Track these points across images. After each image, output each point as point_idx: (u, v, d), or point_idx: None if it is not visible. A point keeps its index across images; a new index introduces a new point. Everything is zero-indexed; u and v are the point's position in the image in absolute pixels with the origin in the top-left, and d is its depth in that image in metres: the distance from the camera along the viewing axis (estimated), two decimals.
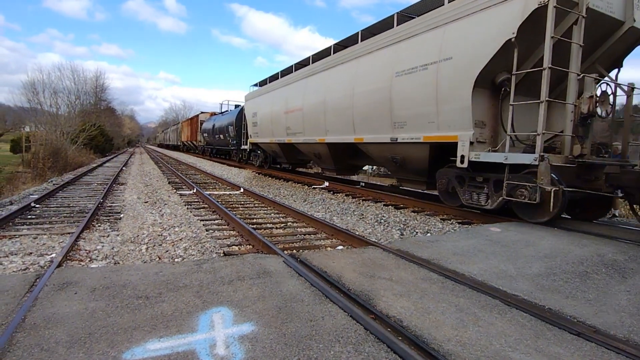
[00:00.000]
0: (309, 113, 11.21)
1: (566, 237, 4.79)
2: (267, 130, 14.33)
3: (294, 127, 12.10)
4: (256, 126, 15.49)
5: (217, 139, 24.41)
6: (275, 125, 13.47)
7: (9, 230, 5.59)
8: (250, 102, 16.63)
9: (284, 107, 12.78)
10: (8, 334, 2.22)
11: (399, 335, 2.41)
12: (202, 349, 2.17)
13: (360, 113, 8.83)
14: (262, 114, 14.82)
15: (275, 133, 13.54)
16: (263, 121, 14.65)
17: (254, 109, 15.84)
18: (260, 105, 15.17)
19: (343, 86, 9.44)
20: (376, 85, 8.19)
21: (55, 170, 16.46)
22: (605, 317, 2.70)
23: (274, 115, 13.55)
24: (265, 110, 14.41)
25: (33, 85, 29.18)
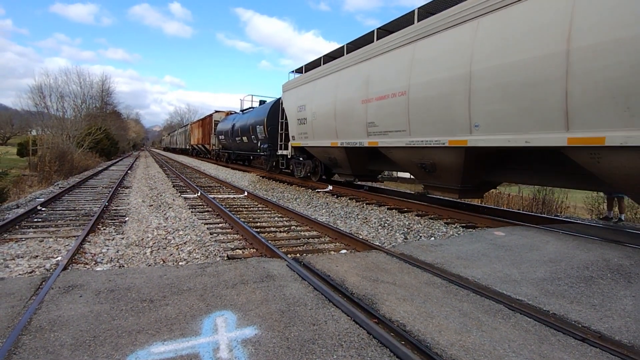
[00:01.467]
0: (424, 99, 6.98)
1: (571, 241, 4.76)
2: (325, 129, 10.48)
3: (384, 123, 8.14)
4: (304, 124, 11.60)
5: (238, 142, 20.09)
6: (344, 122, 9.55)
7: (16, 233, 5.64)
8: (292, 93, 12.69)
9: (361, 93, 8.74)
10: (14, 337, 2.25)
11: (402, 340, 2.40)
12: (206, 353, 2.18)
13: None
14: (316, 107, 10.90)
15: (344, 133, 9.66)
16: (319, 117, 10.79)
17: (300, 100, 11.94)
18: (312, 95, 11.19)
19: None
20: None
21: (61, 173, 16.59)
22: (610, 323, 2.68)
23: (342, 107, 9.59)
24: (324, 101, 10.46)
25: (40, 89, 29.55)
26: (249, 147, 18.84)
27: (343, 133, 9.70)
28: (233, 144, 21.40)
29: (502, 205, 12.29)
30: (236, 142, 20.49)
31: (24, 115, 43.37)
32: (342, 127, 9.68)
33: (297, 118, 12.08)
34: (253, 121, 17.34)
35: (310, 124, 11.27)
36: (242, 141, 19.44)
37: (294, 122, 12.46)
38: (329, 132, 10.36)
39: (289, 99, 13.00)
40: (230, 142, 22.06)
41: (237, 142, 20.32)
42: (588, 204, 10.97)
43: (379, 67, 8.42)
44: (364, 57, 8.94)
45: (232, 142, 21.35)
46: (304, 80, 12.06)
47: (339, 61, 10.02)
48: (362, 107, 8.76)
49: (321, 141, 10.86)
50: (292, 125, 12.66)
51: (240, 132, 19.36)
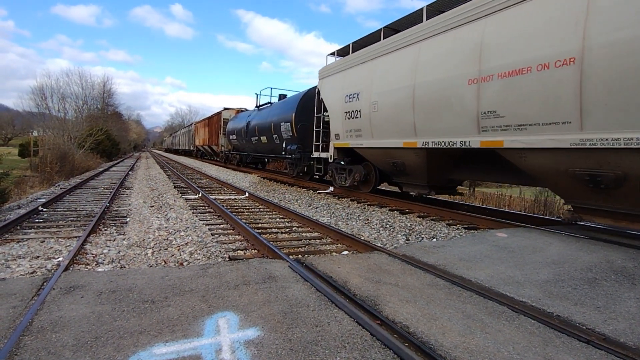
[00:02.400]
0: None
1: (574, 243, 4.74)
2: (393, 125, 7.93)
3: (519, 112, 5.48)
4: (356, 119, 9.03)
5: (254, 143, 17.38)
6: (431, 113, 6.90)
7: (17, 233, 5.64)
8: (336, 80, 10.06)
9: (467, 68, 6.14)
10: (15, 337, 2.24)
11: (406, 342, 2.39)
12: (208, 354, 2.16)
13: None
14: (378, 95, 8.26)
15: (429, 129, 7.03)
16: (383, 108, 8.13)
17: (349, 88, 9.34)
18: (370, 80, 8.56)
19: None
20: None
21: (62, 174, 16.60)
22: (614, 325, 2.66)
23: (428, 93, 6.92)
24: (391, 87, 7.88)
25: (41, 91, 29.60)
26: (268, 149, 16.14)
27: (427, 129, 7.08)
28: (247, 145, 18.68)
29: (504, 206, 12.27)
30: (251, 142, 17.74)
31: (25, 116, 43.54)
32: (427, 120, 7.04)
33: (345, 111, 9.45)
34: (276, 118, 14.50)
35: (367, 118, 8.62)
36: (259, 142, 16.72)
37: (338, 117, 9.83)
38: (399, 128, 7.74)
39: (331, 87, 10.38)
40: (243, 143, 19.35)
41: (252, 142, 17.59)
42: None
43: (502, 24, 5.68)
44: (471, 16, 6.19)
45: (247, 142, 18.59)
46: (354, 61, 9.40)
47: (415, 30, 7.41)
48: (469, 89, 6.07)
49: (385, 141, 8.24)
50: (335, 120, 10.03)
51: (257, 131, 16.58)
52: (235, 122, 21.39)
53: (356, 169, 9.80)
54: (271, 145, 15.39)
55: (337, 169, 10.63)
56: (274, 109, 15.48)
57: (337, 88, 9.98)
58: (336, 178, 10.68)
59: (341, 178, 10.44)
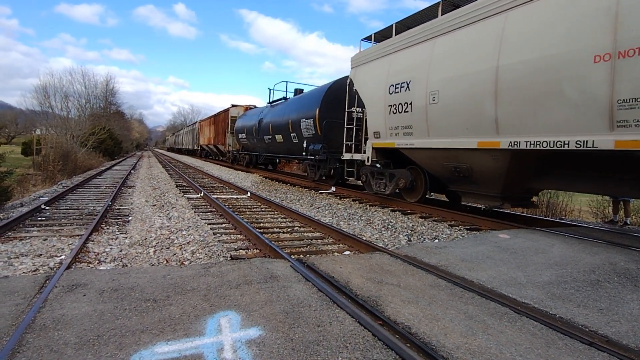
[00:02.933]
0: None
1: (577, 245, 4.73)
2: (462, 119, 6.46)
3: None
4: (405, 113, 7.62)
5: (267, 143, 16.04)
6: (527, 103, 5.46)
7: (20, 231, 5.66)
8: (376, 68, 8.66)
9: (595, 38, 4.64)
10: (18, 335, 2.25)
11: (407, 342, 2.38)
12: (210, 353, 2.16)
13: None
14: (439, 83, 6.81)
15: (520, 124, 5.60)
16: (446, 99, 6.67)
17: (394, 76, 7.93)
18: (426, 65, 7.14)
19: None
20: None
21: (65, 172, 16.66)
22: (617, 327, 2.65)
23: (520, 77, 5.50)
24: (460, 71, 6.43)
25: (45, 89, 29.77)
26: (284, 149, 14.69)
27: (517, 125, 5.58)
28: (259, 144, 17.17)
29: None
30: (264, 142, 16.33)
31: (28, 114, 43.72)
32: (517, 114, 5.54)
33: (389, 104, 8.00)
34: (294, 114, 13.04)
35: (422, 112, 7.16)
36: (273, 141, 15.31)
37: (378, 112, 8.39)
38: (472, 124, 6.25)
39: (369, 76, 8.91)
40: (254, 143, 17.81)
41: (265, 142, 16.21)
42: (593, 207, 10.91)
43: None
44: None
45: (258, 142, 17.06)
46: (402, 43, 7.92)
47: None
48: (595, 69, 4.61)
49: (447, 140, 6.77)
50: (374, 116, 8.59)
51: (271, 130, 15.16)
52: (244, 119, 19.89)
53: (400, 173, 8.26)
54: (288, 144, 13.96)
55: (374, 173, 9.02)
56: (292, 105, 14.06)
57: (378, 77, 8.41)
58: (372, 184, 9.06)
59: (379, 184, 8.80)
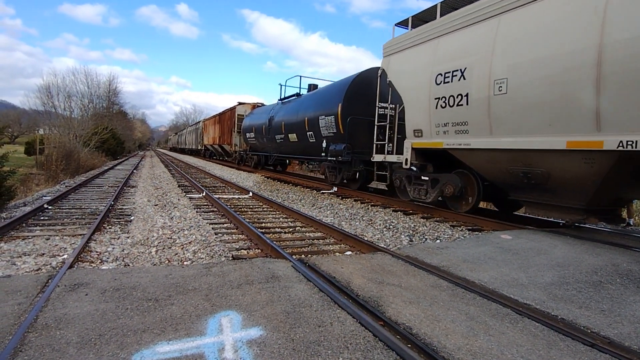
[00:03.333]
0: None
1: (579, 246, 4.71)
2: (535, 116, 5.39)
3: None
4: (459, 107, 6.47)
5: (279, 142, 14.97)
6: None
7: (23, 231, 5.68)
8: (416, 55, 7.54)
9: None
10: (20, 334, 2.25)
11: (409, 343, 2.38)
12: (211, 353, 2.17)
13: None
14: (509, 69, 5.65)
15: (630, 119, 4.43)
16: (521, 89, 5.52)
17: (444, 63, 6.76)
18: (492, 47, 5.93)
19: None
20: None
21: (67, 172, 16.72)
22: (619, 328, 2.64)
23: None
24: (544, 53, 5.20)
25: (48, 89, 29.89)
26: (299, 149, 13.61)
27: (632, 119, 4.43)
28: (270, 144, 16.05)
29: None
30: (275, 141, 15.22)
31: (31, 114, 43.91)
32: (634, 104, 4.38)
33: (436, 97, 6.82)
34: (311, 111, 11.94)
35: (483, 104, 5.95)
36: (285, 140, 14.19)
37: (420, 106, 7.23)
38: (560, 118, 5.10)
39: (406, 66, 7.80)
40: (264, 142, 16.68)
41: (277, 141, 15.06)
42: None
43: None
44: None
45: (269, 141, 15.93)
46: (451, 24, 6.76)
47: None
48: None
49: (519, 139, 5.62)
50: (415, 111, 7.44)
51: (284, 128, 14.08)
52: (252, 118, 18.81)
53: (447, 179, 7.06)
54: (303, 144, 12.86)
55: (411, 177, 7.83)
56: (308, 101, 12.92)
57: (420, 65, 7.35)
58: (409, 190, 7.92)
59: (418, 191, 7.66)
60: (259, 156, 18.77)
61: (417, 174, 7.74)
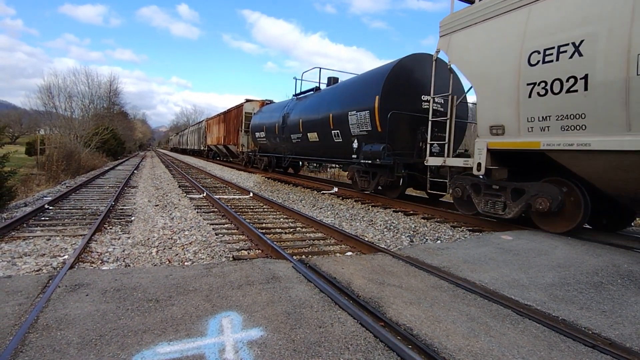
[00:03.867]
0: None
1: (580, 247, 4.70)
2: None
3: None
4: (569, 93, 4.91)
5: (295, 142, 13.56)
6: None
7: (24, 231, 5.68)
8: (495, 28, 5.97)
9: None
10: (21, 335, 2.26)
11: (409, 344, 2.38)
12: (211, 354, 2.17)
13: None
14: None
15: None
16: None
17: (547, 37, 5.14)
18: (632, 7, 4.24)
19: None
20: None
21: (68, 172, 16.73)
22: (621, 329, 2.64)
23: None
24: None
25: (48, 90, 29.93)
26: (320, 150, 12.14)
27: None
28: (284, 144, 14.55)
29: None
30: (290, 141, 13.81)
31: (32, 115, 43.98)
32: None
33: (530, 82, 5.37)
34: (338, 106, 10.55)
35: (613, 90, 4.51)
36: (304, 140, 12.70)
37: (502, 95, 5.78)
38: None
39: (478, 44, 6.27)
40: (277, 142, 15.27)
41: (292, 141, 13.65)
42: None
43: None
44: None
45: (283, 141, 14.48)
46: None
47: None
48: None
49: None
50: (492, 101, 6.00)
51: (302, 127, 12.64)
52: (262, 116, 17.21)
53: (538, 190, 5.60)
54: (326, 144, 11.37)
55: (480, 186, 6.44)
56: (331, 95, 11.43)
57: (502, 42, 5.80)
58: (477, 202, 6.50)
59: (492, 203, 6.25)
60: (270, 157, 17.10)
61: (485, 181, 6.31)
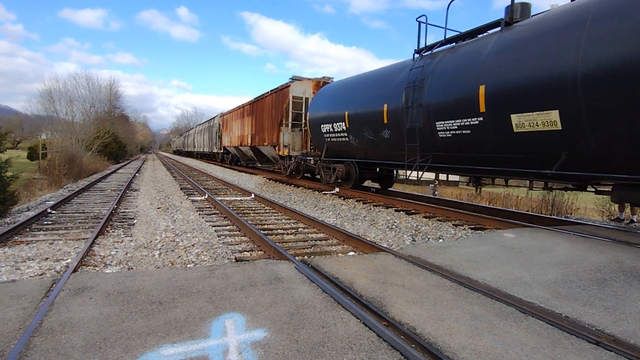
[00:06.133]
0: None
1: (582, 243, 4.69)
2: None
3: None
4: None
5: (446, 136, 7.10)
6: None
7: (27, 235, 5.70)
8: None
9: None
10: (25, 338, 2.27)
11: (413, 343, 2.38)
12: (215, 355, 2.17)
13: None
14: None
15: None
16: None
17: None
18: None
19: None
20: None
21: (70, 176, 16.77)
22: (624, 326, 2.63)
23: None
24: None
25: (49, 94, 29.97)
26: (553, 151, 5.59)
27: None
28: (410, 139, 7.88)
29: (511, 206, 12.18)
30: (435, 136, 7.41)
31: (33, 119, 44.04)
32: None
33: None
34: None
35: None
36: (482, 131, 6.41)
37: None
38: None
39: None
40: (382, 139, 9.02)
41: (437, 134, 7.33)
42: (599, 205, 10.82)
43: None
44: None
45: (410, 137, 7.88)
46: None
47: None
48: None
49: None
50: None
51: (485, 102, 6.19)
52: (335, 100, 11.05)
53: None
54: None
55: None
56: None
57: None
58: None
59: None
60: (351, 165, 10.75)
61: None
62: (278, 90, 15.00)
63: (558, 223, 6.67)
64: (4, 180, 7.85)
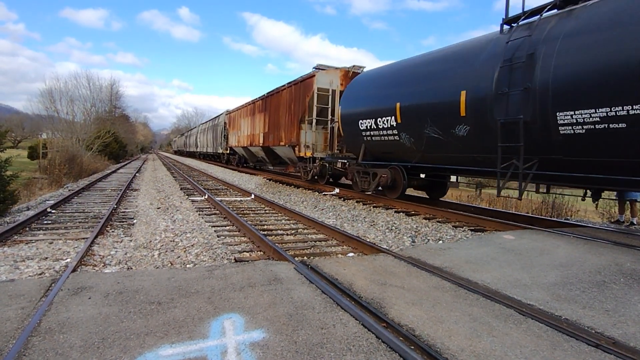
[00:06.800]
0: None
1: (582, 246, 4.69)
2: None
3: None
4: None
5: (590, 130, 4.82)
6: None
7: (26, 235, 5.70)
8: None
9: None
10: (24, 338, 2.26)
11: (412, 345, 2.37)
12: (214, 356, 2.17)
13: None
14: None
15: None
16: None
17: None
18: None
19: None
20: None
21: (70, 176, 16.77)
22: (624, 328, 2.63)
23: None
24: None
25: (50, 94, 29.97)
26: None
27: None
28: (544, 134, 5.47)
29: (511, 208, 12.17)
30: (550, 129, 5.34)
31: (34, 119, 44.03)
32: None
33: None
34: None
35: None
36: None
37: None
38: None
39: None
40: (456, 136, 6.91)
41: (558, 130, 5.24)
42: (599, 207, 10.81)
43: None
44: None
45: (507, 134, 5.84)
46: None
47: None
48: None
49: None
50: None
51: None
52: (376, 90, 9.27)
53: None
54: None
55: None
56: None
57: None
58: None
59: None
60: (397, 170, 8.93)
61: None
62: (298, 82, 12.86)
63: (558, 225, 6.67)
64: (3, 180, 7.85)
